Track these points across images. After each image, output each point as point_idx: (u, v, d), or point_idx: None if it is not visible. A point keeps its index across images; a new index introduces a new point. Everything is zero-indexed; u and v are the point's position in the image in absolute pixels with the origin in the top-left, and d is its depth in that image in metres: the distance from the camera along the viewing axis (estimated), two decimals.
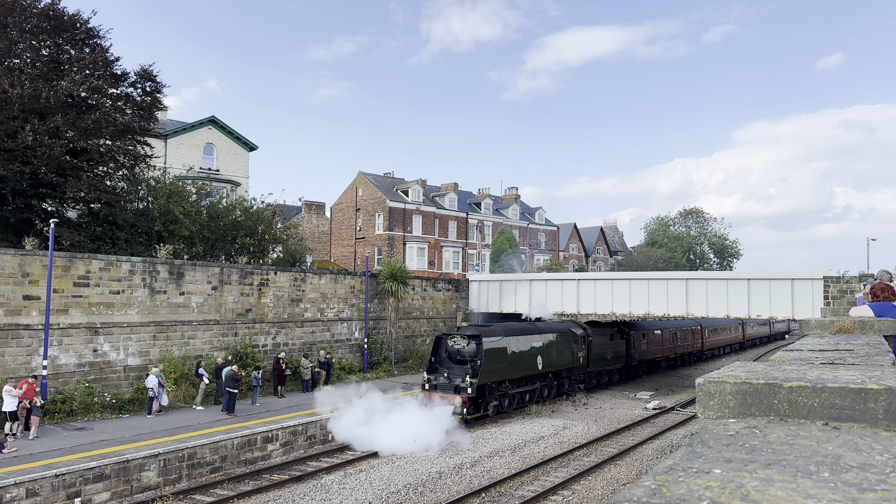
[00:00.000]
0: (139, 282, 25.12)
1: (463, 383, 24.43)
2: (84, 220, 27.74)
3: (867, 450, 1.63)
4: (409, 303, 37.41)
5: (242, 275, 28.95)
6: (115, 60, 27.04)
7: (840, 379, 2.15)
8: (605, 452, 21.98)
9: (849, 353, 3.38)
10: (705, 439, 1.78)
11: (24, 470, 15.61)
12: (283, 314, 30.54)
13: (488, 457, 20.55)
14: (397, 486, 17.35)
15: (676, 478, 1.41)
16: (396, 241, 55.91)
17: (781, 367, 2.65)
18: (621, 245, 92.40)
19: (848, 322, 5.32)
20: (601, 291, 34.88)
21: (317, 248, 60.22)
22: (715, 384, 2.15)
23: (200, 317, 27.14)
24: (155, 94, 28.77)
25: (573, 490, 17.80)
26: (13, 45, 25.16)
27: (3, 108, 23.14)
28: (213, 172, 41.09)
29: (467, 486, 17.83)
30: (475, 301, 39.42)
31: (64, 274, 22.95)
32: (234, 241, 32.47)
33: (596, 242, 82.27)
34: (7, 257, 21.75)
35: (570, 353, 30.86)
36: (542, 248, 70.87)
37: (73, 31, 26.17)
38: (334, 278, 33.57)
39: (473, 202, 65.97)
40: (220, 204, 32.98)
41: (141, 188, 30.77)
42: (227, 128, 43.18)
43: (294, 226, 42.56)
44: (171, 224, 29.24)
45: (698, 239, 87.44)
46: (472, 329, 27.07)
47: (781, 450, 1.64)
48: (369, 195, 58.10)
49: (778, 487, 1.34)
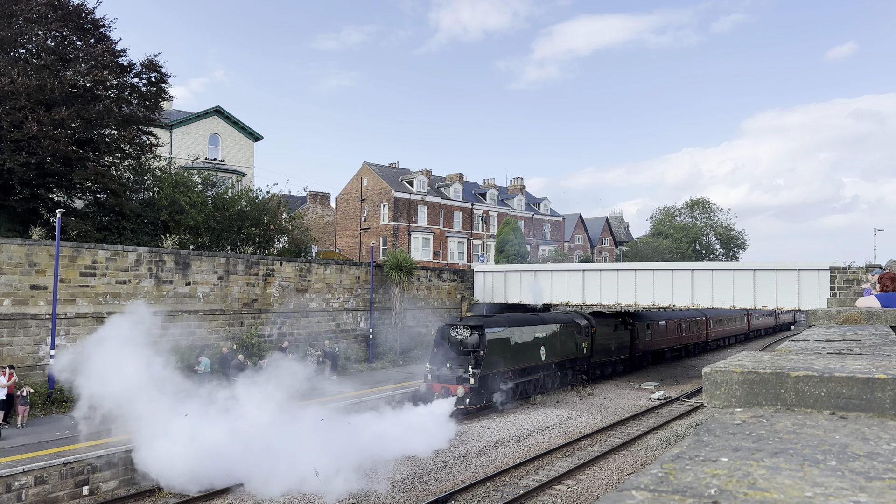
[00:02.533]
0: (145, 272, 25.22)
1: (465, 374, 24.42)
2: (90, 210, 27.84)
3: (874, 439, 1.63)
4: (414, 293, 37.45)
5: (248, 265, 29.03)
6: (121, 51, 27.04)
7: (847, 368, 2.15)
8: (610, 442, 22.03)
9: (856, 343, 3.38)
10: (712, 428, 1.78)
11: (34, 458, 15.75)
12: (289, 304, 30.63)
13: (493, 446, 20.63)
14: (402, 475, 17.45)
15: (684, 466, 1.42)
16: (401, 232, 55.92)
17: (788, 356, 2.65)
18: (627, 236, 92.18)
19: (855, 312, 5.31)
20: (606, 282, 34.84)
21: (322, 239, 60.29)
22: (722, 373, 2.16)
23: (206, 307, 27.25)
24: (160, 85, 28.78)
25: (577, 479, 17.86)
26: (19, 35, 25.17)
27: (9, 99, 23.18)
28: (219, 163, 41.14)
29: (472, 475, 17.92)
30: (480, 291, 39.44)
31: (70, 264, 23.05)
32: (240, 232, 32.53)
33: (601, 233, 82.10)
34: (14, 247, 21.86)
35: (574, 343, 30.83)
36: (548, 239, 70.77)
37: (78, 21, 26.14)
38: (339, 269, 33.62)
39: (478, 192, 65.87)
40: (226, 194, 33.05)
41: (147, 178, 30.84)
42: (233, 118, 43.17)
43: (299, 216, 42.58)
44: (177, 214, 29.31)
45: (704, 230, 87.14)
46: (475, 319, 26.99)
47: (788, 439, 1.64)
48: (374, 185, 58.06)
49: (785, 476, 1.34)
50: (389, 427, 20.22)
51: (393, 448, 18.80)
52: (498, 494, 16.43)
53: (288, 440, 17.06)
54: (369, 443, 18.46)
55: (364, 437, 18.84)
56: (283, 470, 16.00)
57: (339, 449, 17.25)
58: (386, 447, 18.62)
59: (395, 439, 19.34)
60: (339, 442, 17.83)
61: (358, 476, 16.68)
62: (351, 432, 18.94)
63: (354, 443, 18.13)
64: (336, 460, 16.63)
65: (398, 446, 19.06)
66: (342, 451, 17.23)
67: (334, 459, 16.62)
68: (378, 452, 18.16)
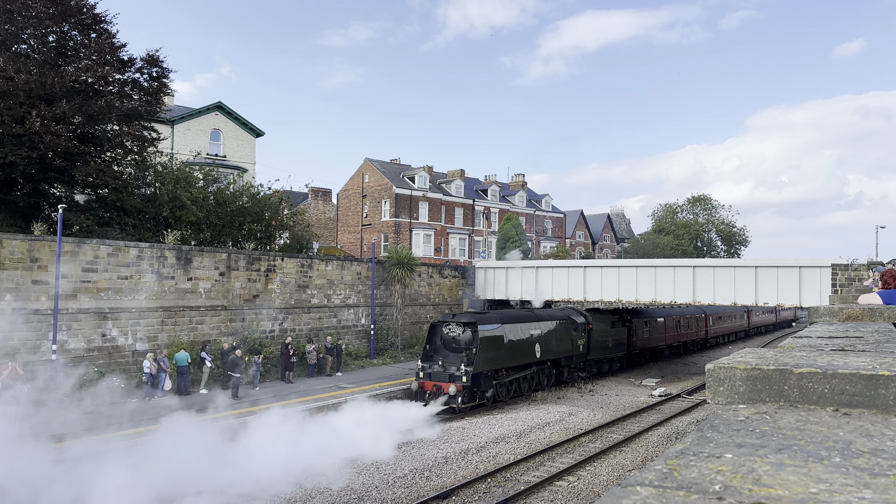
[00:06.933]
0: (147, 267, 25.24)
1: (458, 371, 23.95)
2: (92, 206, 27.87)
3: (878, 435, 1.63)
4: (415, 289, 37.47)
5: (250, 261, 29.05)
6: (121, 46, 27.01)
7: (850, 365, 2.15)
8: (611, 439, 22.04)
9: (858, 340, 3.37)
10: (716, 424, 1.78)
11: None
12: (290, 300, 30.66)
13: (494, 442, 20.66)
14: (403, 471, 17.48)
15: (688, 462, 1.42)
16: (403, 228, 55.91)
17: (791, 353, 2.65)
18: (628, 232, 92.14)
19: (857, 309, 5.30)
20: (608, 279, 34.81)
21: (323, 235, 60.26)
22: (725, 370, 2.15)
23: (208, 302, 27.28)
24: (162, 80, 28.75)
25: (579, 476, 17.88)
26: (19, 30, 25.14)
27: (10, 95, 23.16)
28: (220, 158, 41.13)
29: (473, 471, 17.94)
30: (481, 288, 39.44)
31: (72, 259, 23.08)
32: (241, 228, 32.56)
33: (603, 229, 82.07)
34: (16, 242, 21.88)
35: (570, 340, 30.60)
36: (549, 235, 70.76)
37: (79, 16, 26.10)
38: (341, 265, 33.64)
39: (480, 189, 65.83)
40: (228, 190, 33.06)
41: (148, 174, 30.85)
42: (234, 113, 43.14)
43: (301, 212, 42.59)
44: (179, 210, 29.33)
45: (706, 226, 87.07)
46: (468, 316, 26.57)
47: (792, 435, 1.64)
48: (376, 182, 58.04)
49: (789, 472, 1.34)
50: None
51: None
52: (499, 490, 16.45)
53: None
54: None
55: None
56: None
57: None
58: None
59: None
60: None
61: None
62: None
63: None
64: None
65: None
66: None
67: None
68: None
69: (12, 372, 19.60)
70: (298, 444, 18.24)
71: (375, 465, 17.88)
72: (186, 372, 24.14)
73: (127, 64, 27.43)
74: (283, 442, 18.22)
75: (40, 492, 13.98)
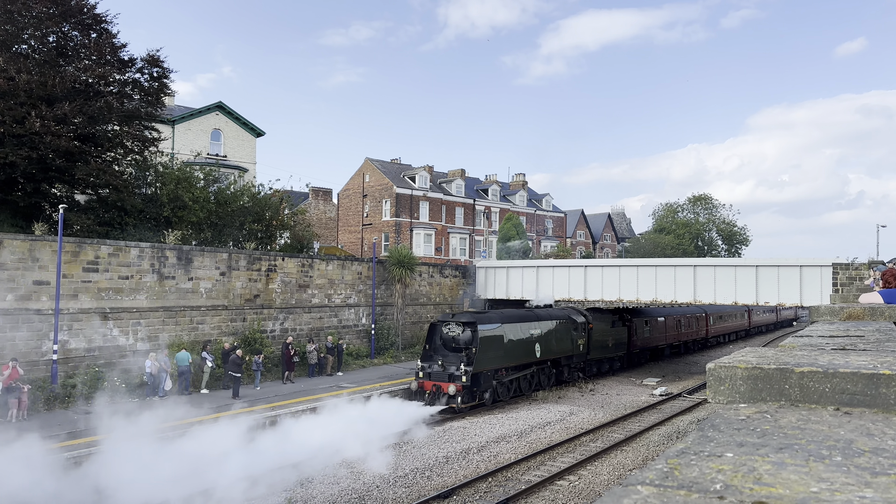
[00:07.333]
0: (148, 267, 25.25)
1: (457, 371, 23.91)
2: (93, 206, 27.88)
3: (879, 434, 1.63)
4: (416, 289, 37.47)
5: (250, 260, 29.05)
6: (122, 46, 27.02)
7: (851, 364, 2.15)
8: (612, 438, 22.04)
9: (859, 339, 3.37)
10: (716, 424, 1.78)
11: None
12: (291, 300, 30.66)
13: (495, 442, 20.66)
14: (405, 471, 17.48)
15: (689, 461, 1.42)
16: (403, 228, 55.91)
17: (792, 352, 2.65)
18: (629, 231, 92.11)
19: (858, 309, 5.30)
20: (608, 278, 34.81)
21: (324, 235, 60.28)
22: (726, 369, 2.15)
23: (209, 302, 27.29)
24: (162, 80, 28.76)
25: (579, 475, 17.88)
26: (20, 30, 25.15)
27: (11, 95, 23.17)
28: (221, 158, 41.13)
29: (474, 470, 17.94)
30: (482, 288, 39.43)
31: (73, 259, 23.08)
32: (242, 227, 32.57)
33: (603, 229, 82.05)
34: (17, 242, 21.89)
35: (570, 340, 30.56)
36: (550, 235, 70.74)
37: (79, 16, 26.11)
38: (341, 264, 33.64)
39: (480, 188, 65.83)
40: (228, 190, 33.07)
41: (149, 174, 30.87)
42: (235, 113, 43.15)
43: (301, 212, 42.60)
44: (180, 210, 29.34)
45: (707, 225, 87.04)
46: (468, 316, 26.52)
47: (793, 434, 1.64)
48: (376, 181, 58.04)
49: (790, 471, 1.34)
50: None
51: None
52: (500, 490, 16.45)
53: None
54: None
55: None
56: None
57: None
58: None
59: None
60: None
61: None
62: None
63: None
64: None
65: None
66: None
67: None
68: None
69: (13, 372, 19.61)
70: (299, 445, 18.25)
71: (375, 465, 17.86)
72: (187, 372, 24.14)
73: (127, 64, 27.44)
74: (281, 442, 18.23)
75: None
